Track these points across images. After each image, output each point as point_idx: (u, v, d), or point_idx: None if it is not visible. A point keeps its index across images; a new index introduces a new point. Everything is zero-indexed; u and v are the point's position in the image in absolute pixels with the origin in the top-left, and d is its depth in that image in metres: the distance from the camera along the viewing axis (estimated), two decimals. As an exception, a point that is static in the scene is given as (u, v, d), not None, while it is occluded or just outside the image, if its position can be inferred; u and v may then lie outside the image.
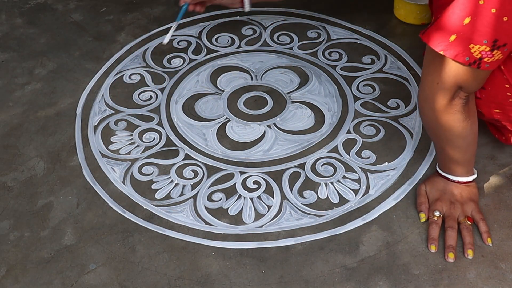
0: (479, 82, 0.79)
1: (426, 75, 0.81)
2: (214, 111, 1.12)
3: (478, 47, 0.71)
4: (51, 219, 0.94)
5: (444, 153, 0.89)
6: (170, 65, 1.24)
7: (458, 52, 0.72)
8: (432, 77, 0.79)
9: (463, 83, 0.77)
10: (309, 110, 1.11)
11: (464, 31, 0.70)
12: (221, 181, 0.99)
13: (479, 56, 0.72)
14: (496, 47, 0.71)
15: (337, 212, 0.93)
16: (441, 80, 0.78)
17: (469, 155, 0.88)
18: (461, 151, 0.87)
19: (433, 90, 0.80)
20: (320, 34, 1.30)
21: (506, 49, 0.72)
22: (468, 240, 0.86)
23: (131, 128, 1.09)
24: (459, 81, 0.77)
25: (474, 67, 0.73)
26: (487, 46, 0.70)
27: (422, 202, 0.92)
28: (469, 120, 0.83)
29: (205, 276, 0.85)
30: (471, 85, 0.78)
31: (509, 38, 0.70)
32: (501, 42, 0.70)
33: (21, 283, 0.85)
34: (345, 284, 0.83)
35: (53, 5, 1.45)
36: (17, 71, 1.24)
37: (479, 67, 0.73)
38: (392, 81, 1.17)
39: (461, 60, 0.73)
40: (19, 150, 1.06)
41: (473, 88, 0.79)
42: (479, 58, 0.72)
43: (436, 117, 0.83)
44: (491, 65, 0.73)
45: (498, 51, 0.71)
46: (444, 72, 0.77)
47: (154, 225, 0.92)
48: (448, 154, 0.88)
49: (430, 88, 0.80)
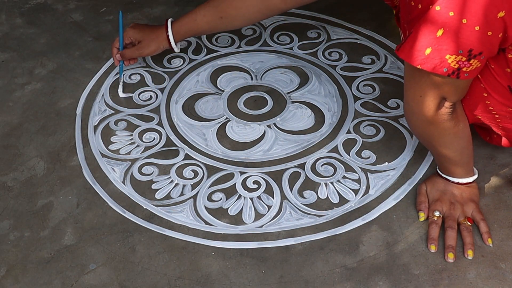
0: (461, 91, 0.79)
1: (409, 89, 0.81)
2: (214, 111, 1.12)
3: (455, 57, 0.70)
4: (51, 219, 0.94)
5: (441, 158, 0.89)
6: (170, 65, 1.24)
7: (436, 64, 0.71)
8: (414, 91, 0.79)
9: (445, 94, 0.77)
10: (309, 110, 1.11)
11: (438, 43, 0.70)
12: (221, 181, 0.99)
13: (457, 66, 0.71)
14: (472, 56, 0.70)
15: (337, 212, 0.93)
16: (423, 93, 0.78)
17: (466, 157, 0.88)
18: (457, 155, 0.87)
19: (417, 103, 0.80)
20: (320, 34, 1.30)
21: (483, 57, 0.71)
22: (468, 240, 0.86)
23: (131, 128, 1.09)
24: (441, 92, 0.77)
25: (454, 77, 0.73)
26: (463, 56, 0.70)
27: (422, 201, 0.92)
28: (458, 126, 0.83)
29: (205, 276, 0.85)
30: (453, 94, 0.78)
31: (484, 46, 0.69)
32: (476, 51, 0.70)
33: (21, 283, 0.85)
34: (345, 284, 0.83)
35: (53, 5, 1.45)
36: (17, 71, 1.24)
37: (459, 77, 0.72)
38: (392, 81, 1.17)
39: (440, 72, 0.72)
40: (19, 150, 1.06)
41: (457, 97, 0.79)
42: (457, 68, 0.71)
43: (425, 128, 0.83)
44: (471, 74, 0.73)
45: (475, 60, 0.71)
46: (426, 85, 0.77)
47: (154, 225, 0.92)
48: (445, 158, 0.88)
49: (414, 101, 0.80)
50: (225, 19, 1.08)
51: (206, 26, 1.10)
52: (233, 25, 1.11)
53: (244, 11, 1.06)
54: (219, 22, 1.09)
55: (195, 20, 1.09)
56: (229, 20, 1.08)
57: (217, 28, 1.12)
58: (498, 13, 0.66)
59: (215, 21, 1.09)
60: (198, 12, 1.09)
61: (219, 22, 1.09)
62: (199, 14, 1.08)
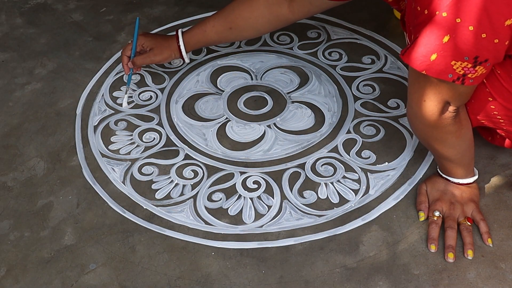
0: (465, 96, 0.79)
1: (413, 93, 0.80)
2: (214, 111, 1.12)
3: (460, 64, 0.70)
4: (51, 219, 0.94)
5: (442, 160, 0.89)
6: (170, 65, 1.24)
7: (441, 70, 0.71)
8: (418, 95, 0.79)
9: (449, 99, 0.77)
10: (309, 110, 1.11)
11: (444, 49, 0.69)
12: (221, 181, 0.99)
13: (462, 72, 0.71)
14: (478, 63, 0.70)
15: (337, 212, 0.93)
16: (427, 98, 0.77)
17: (467, 159, 0.88)
18: (458, 157, 0.87)
19: (421, 107, 0.79)
20: (320, 34, 1.30)
21: (489, 64, 0.71)
22: (468, 240, 0.86)
23: (131, 128, 1.09)
24: (446, 97, 0.76)
25: (459, 83, 0.72)
26: (469, 63, 0.70)
27: (422, 201, 0.92)
28: (461, 130, 0.83)
29: (205, 276, 0.85)
30: (457, 100, 0.78)
31: (490, 53, 0.69)
32: (482, 58, 0.69)
33: (21, 283, 0.85)
34: (345, 284, 0.83)
35: (53, 5, 1.45)
36: (17, 71, 1.25)
37: (464, 83, 0.72)
38: (392, 81, 1.17)
39: (445, 78, 0.72)
40: (19, 150, 1.06)
41: (461, 102, 0.79)
42: (463, 74, 0.71)
43: (428, 131, 0.83)
44: (476, 80, 0.73)
45: (481, 66, 0.71)
46: (430, 90, 0.76)
47: (154, 225, 0.92)
48: (446, 160, 0.88)
49: (418, 105, 0.80)
50: (234, 29, 1.08)
51: (216, 36, 1.10)
52: (243, 36, 1.12)
53: (252, 21, 1.06)
54: (229, 32, 1.09)
55: (205, 31, 1.09)
56: (238, 31, 1.08)
57: (226, 39, 1.12)
58: (505, 21, 0.66)
59: (225, 32, 1.09)
60: (207, 23, 1.09)
61: (228, 32, 1.09)
62: (209, 25, 1.08)
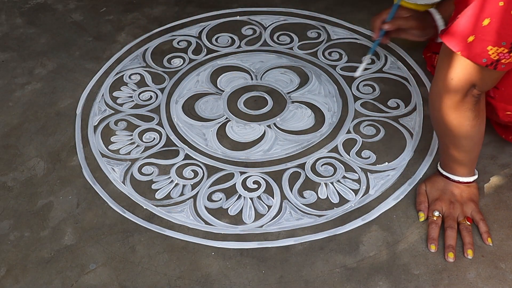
0: (493, 81, 0.79)
1: (442, 69, 0.80)
2: (214, 111, 1.12)
3: (496, 49, 0.70)
4: (51, 219, 0.94)
5: (449, 152, 0.89)
6: (170, 65, 1.24)
7: (476, 53, 0.71)
8: (446, 72, 0.79)
9: (477, 82, 0.77)
10: (309, 110, 1.11)
11: (483, 32, 0.69)
12: (221, 181, 0.99)
13: (497, 58, 0.71)
14: None
15: (337, 212, 0.93)
16: (455, 76, 0.77)
17: (473, 155, 0.88)
18: (466, 151, 0.87)
19: (446, 85, 0.79)
20: (320, 34, 1.30)
21: None
22: (468, 240, 0.86)
23: (131, 128, 1.09)
24: (474, 80, 0.76)
25: (491, 68, 0.73)
26: (505, 48, 0.70)
27: (421, 201, 0.92)
28: (478, 119, 0.83)
29: (205, 276, 0.85)
30: (485, 84, 0.78)
31: None
32: None
33: (21, 283, 0.85)
34: (345, 284, 0.83)
35: (53, 5, 1.45)
36: (17, 71, 1.25)
37: (496, 69, 0.72)
38: (392, 81, 1.17)
39: (478, 62, 0.72)
40: (19, 150, 1.06)
41: (487, 87, 0.79)
42: (497, 60, 0.71)
43: (447, 113, 0.83)
44: (507, 66, 0.73)
45: None
46: (460, 70, 0.76)
47: (154, 225, 0.92)
48: (453, 153, 0.88)
49: (444, 82, 0.80)
50: None
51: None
52: None
53: None
54: None
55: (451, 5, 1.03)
56: None
57: None
58: None
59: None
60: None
61: None
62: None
